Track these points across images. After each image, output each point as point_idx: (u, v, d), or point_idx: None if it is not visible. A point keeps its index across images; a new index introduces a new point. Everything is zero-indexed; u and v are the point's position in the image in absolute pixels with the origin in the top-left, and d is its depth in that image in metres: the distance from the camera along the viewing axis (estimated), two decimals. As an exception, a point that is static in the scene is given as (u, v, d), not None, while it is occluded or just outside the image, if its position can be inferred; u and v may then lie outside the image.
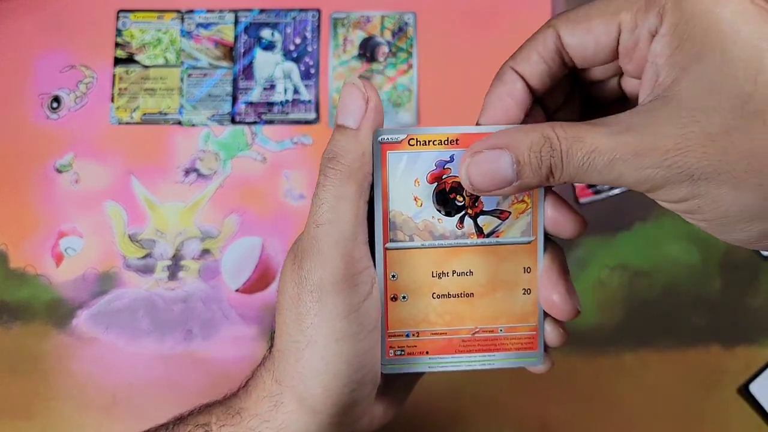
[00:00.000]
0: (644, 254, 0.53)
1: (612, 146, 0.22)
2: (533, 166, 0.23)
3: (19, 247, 0.54)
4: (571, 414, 0.51)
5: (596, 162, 0.22)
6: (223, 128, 0.56)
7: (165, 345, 0.52)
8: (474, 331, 0.28)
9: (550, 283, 0.27)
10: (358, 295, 0.25)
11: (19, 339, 0.53)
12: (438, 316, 0.28)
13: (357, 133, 0.26)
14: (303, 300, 0.25)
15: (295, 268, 0.26)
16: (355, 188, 0.25)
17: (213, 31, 0.58)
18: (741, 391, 0.51)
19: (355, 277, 0.25)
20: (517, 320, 0.28)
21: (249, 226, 0.54)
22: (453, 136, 0.26)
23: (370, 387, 0.27)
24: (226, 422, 0.28)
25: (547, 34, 0.25)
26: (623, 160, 0.21)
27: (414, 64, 0.57)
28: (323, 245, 0.25)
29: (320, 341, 0.25)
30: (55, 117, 0.56)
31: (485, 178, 0.24)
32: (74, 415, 0.51)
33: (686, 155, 0.21)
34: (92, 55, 0.57)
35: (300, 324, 0.25)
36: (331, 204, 0.25)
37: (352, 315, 0.25)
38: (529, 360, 0.28)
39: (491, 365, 0.28)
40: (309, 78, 0.57)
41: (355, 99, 0.26)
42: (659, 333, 0.52)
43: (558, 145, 0.23)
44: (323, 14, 0.57)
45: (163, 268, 0.54)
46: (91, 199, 0.55)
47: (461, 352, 0.28)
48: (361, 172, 0.25)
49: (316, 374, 0.25)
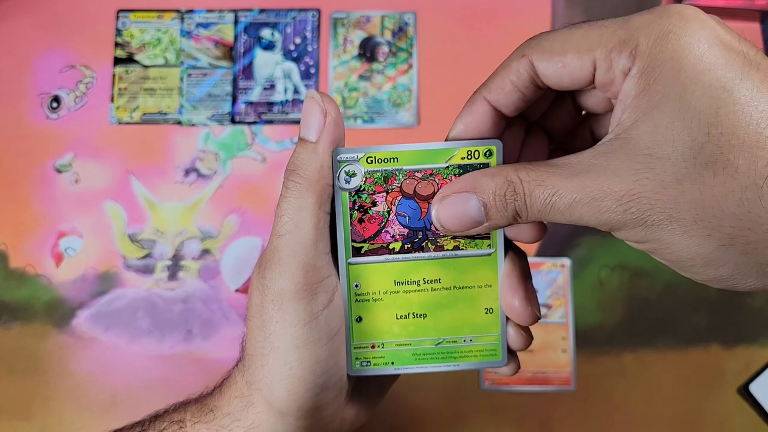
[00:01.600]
0: (644, 254, 0.53)
1: (571, 188, 0.22)
2: (499, 209, 0.24)
3: (19, 247, 0.54)
4: (571, 414, 0.51)
5: (557, 204, 0.23)
6: (222, 128, 0.56)
7: (165, 345, 0.52)
8: (438, 342, 0.28)
9: (511, 289, 0.28)
10: (318, 303, 0.26)
11: (19, 339, 0.53)
12: (402, 328, 0.28)
13: (316, 146, 0.26)
14: (266, 308, 0.26)
15: (259, 278, 0.26)
16: (314, 200, 0.26)
17: (213, 30, 0.57)
18: (741, 391, 0.51)
19: (315, 285, 0.26)
20: (480, 330, 0.28)
21: (249, 226, 0.54)
22: (411, 154, 0.27)
23: (335, 391, 0.28)
24: (199, 419, 0.29)
25: (521, 64, 0.25)
26: (582, 203, 0.22)
27: (414, 64, 0.57)
28: (284, 255, 0.26)
29: (282, 347, 0.26)
30: (55, 117, 0.56)
31: (455, 220, 0.25)
32: (74, 415, 0.51)
33: (639, 201, 0.21)
34: (92, 55, 0.57)
35: (264, 330, 0.26)
36: (292, 215, 0.26)
37: (312, 322, 0.26)
38: (493, 364, 0.29)
39: (456, 369, 0.29)
40: (309, 78, 0.57)
41: (314, 113, 0.26)
42: (659, 333, 0.52)
43: (521, 189, 0.23)
44: (323, 14, 0.57)
45: (163, 268, 0.54)
46: (91, 199, 0.55)
47: (426, 363, 0.29)
48: (320, 184, 0.26)
49: (281, 378, 0.26)
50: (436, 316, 0.28)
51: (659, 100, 0.21)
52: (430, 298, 0.28)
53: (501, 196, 0.24)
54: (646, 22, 0.22)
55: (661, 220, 0.21)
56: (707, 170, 0.20)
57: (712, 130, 0.20)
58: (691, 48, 0.21)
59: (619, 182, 0.21)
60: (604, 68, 0.23)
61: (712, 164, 0.20)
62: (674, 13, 0.22)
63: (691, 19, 0.21)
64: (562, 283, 0.53)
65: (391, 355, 0.28)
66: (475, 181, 0.25)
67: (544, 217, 0.24)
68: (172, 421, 0.30)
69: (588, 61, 0.23)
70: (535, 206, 0.23)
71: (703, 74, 0.21)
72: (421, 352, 0.28)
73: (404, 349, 0.28)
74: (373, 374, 0.29)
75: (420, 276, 0.28)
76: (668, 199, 0.21)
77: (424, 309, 0.28)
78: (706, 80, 0.21)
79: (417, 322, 0.28)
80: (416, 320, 0.28)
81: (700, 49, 0.21)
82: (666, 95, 0.21)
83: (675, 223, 0.21)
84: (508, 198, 0.24)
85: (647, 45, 0.22)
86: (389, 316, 0.28)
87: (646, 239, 0.22)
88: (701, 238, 0.21)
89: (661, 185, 0.21)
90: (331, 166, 0.26)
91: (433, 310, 0.28)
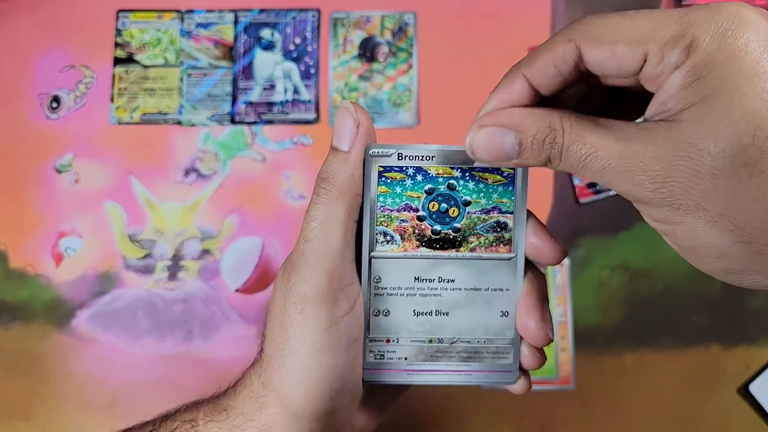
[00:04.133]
0: (644, 254, 0.53)
1: (609, 153, 0.23)
2: (534, 152, 0.24)
3: (19, 247, 0.54)
4: (571, 414, 0.51)
5: (592, 164, 0.23)
6: (222, 128, 0.56)
7: (165, 345, 0.52)
8: (452, 341, 0.29)
9: (528, 310, 0.28)
10: (340, 310, 0.26)
11: (19, 339, 0.53)
12: (418, 325, 0.29)
13: (348, 155, 0.27)
14: (288, 310, 0.26)
15: (284, 280, 0.27)
16: (344, 208, 0.26)
17: (213, 30, 0.57)
18: (741, 391, 0.51)
19: (338, 292, 0.26)
20: (494, 333, 0.29)
21: (249, 226, 0.54)
22: (441, 154, 0.27)
23: (349, 397, 0.28)
24: (212, 418, 0.29)
25: (568, 49, 0.24)
26: (616, 170, 0.23)
27: (414, 64, 0.56)
28: (310, 260, 0.26)
29: (302, 350, 0.26)
30: (55, 117, 0.56)
31: (487, 150, 0.25)
32: (74, 415, 0.51)
33: (672, 186, 0.22)
34: (92, 55, 0.57)
35: (284, 333, 0.26)
36: (321, 221, 0.26)
37: (332, 328, 0.26)
38: (505, 379, 0.29)
39: (468, 382, 0.29)
40: (309, 78, 0.57)
41: (347, 123, 0.27)
42: (659, 333, 0.52)
43: (561, 139, 0.24)
44: (323, 14, 0.57)
45: (163, 268, 0.54)
46: (91, 199, 0.55)
47: (439, 361, 0.29)
48: (350, 192, 0.27)
49: (298, 381, 0.26)
50: (452, 315, 0.29)
51: (709, 96, 0.21)
52: (448, 297, 0.28)
53: (540, 141, 0.24)
54: (704, 18, 0.22)
55: (689, 207, 0.22)
56: (744, 171, 0.21)
57: (758, 133, 0.21)
58: (747, 49, 0.21)
59: (657, 163, 0.22)
60: (655, 62, 0.23)
61: (751, 166, 0.21)
62: (733, 11, 0.22)
63: (750, 21, 0.22)
64: (561, 282, 0.53)
65: (405, 350, 0.29)
66: (519, 119, 0.25)
67: (573, 170, 0.24)
68: (183, 420, 0.30)
69: (639, 54, 0.23)
70: (569, 160, 0.23)
71: (758, 77, 0.21)
72: (435, 350, 0.29)
73: (419, 345, 0.29)
74: (387, 382, 0.29)
75: (440, 274, 0.28)
76: (700, 190, 0.21)
77: (441, 307, 0.28)
78: (759, 83, 0.21)
79: (433, 319, 0.29)
80: (433, 318, 0.28)
81: (757, 51, 0.21)
82: (717, 92, 0.21)
83: (701, 212, 0.22)
84: (546, 145, 0.24)
85: (704, 42, 0.22)
86: (407, 311, 0.28)
87: (669, 221, 0.23)
88: (723, 231, 0.22)
89: (697, 176, 0.21)
90: (362, 171, 0.27)
91: (449, 309, 0.28)
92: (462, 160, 0.27)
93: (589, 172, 0.23)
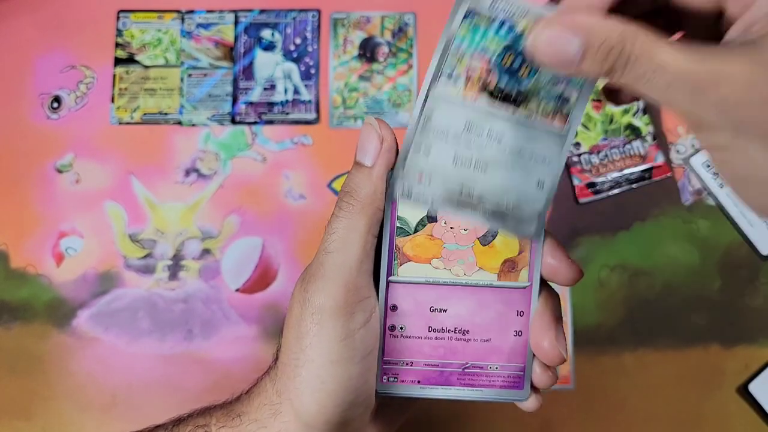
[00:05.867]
0: (644, 254, 0.53)
1: (677, 71, 0.21)
2: (597, 60, 0.23)
3: (20, 247, 0.54)
4: (571, 414, 0.51)
5: (657, 79, 0.22)
6: (223, 128, 0.56)
7: (165, 345, 0.52)
8: (465, 366, 0.29)
9: (542, 329, 0.28)
10: (356, 322, 0.27)
11: (19, 339, 0.53)
12: (432, 349, 0.29)
13: (371, 171, 0.27)
14: (304, 320, 0.26)
15: (302, 291, 0.27)
16: (365, 222, 0.27)
17: (213, 31, 0.58)
18: (740, 391, 0.51)
19: (355, 305, 0.27)
20: (507, 359, 0.29)
21: (249, 226, 0.54)
22: None
23: (362, 408, 0.28)
24: (225, 424, 0.29)
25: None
26: (682, 89, 0.21)
27: (414, 64, 0.57)
28: (328, 271, 0.26)
29: (317, 361, 0.26)
30: (56, 117, 0.56)
31: (549, 51, 0.24)
32: (74, 415, 0.51)
33: (743, 109, 0.21)
34: (92, 55, 0.57)
35: (300, 342, 0.27)
36: (341, 234, 0.27)
37: (348, 340, 0.26)
38: (516, 396, 0.30)
39: (480, 398, 0.30)
40: (309, 78, 0.57)
41: (371, 139, 0.27)
42: (659, 333, 0.52)
43: (629, 51, 0.22)
44: (323, 14, 0.58)
45: (164, 268, 0.54)
46: (92, 199, 0.55)
47: (451, 385, 0.29)
48: (372, 207, 0.27)
49: (312, 391, 0.26)
50: (466, 340, 0.29)
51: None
52: (463, 322, 0.29)
53: (606, 50, 0.23)
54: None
55: (755, 133, 0.21)
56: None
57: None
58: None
59: (728, 84, 0.21)
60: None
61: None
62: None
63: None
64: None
65: (419, 373, 0.29)
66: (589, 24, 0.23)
67: (635, 86, 0.23)
68: (196, 425, 0.30)
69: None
70: (633, 72, 0.22)
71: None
72: (448, 374, 0.29)
73: (432, 369, 0.29)
74: (401, 395, 0.29)
75: (456, 300, 0.29)
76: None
77: (455, 332, 0.29)
78: None
79: (448, 344, 0.29)
80: (447, 343, 0.29)
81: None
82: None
83: (766, 140, 0.21)
84: (612, 54, 0.23)
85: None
86: (421, 336, 0.29)
87: (729, 147, 0.22)
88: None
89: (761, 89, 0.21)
90: (385, 189, 0.27)
91: (464, 334, 0.29)
92: None
93: (653, 89, 0.22)
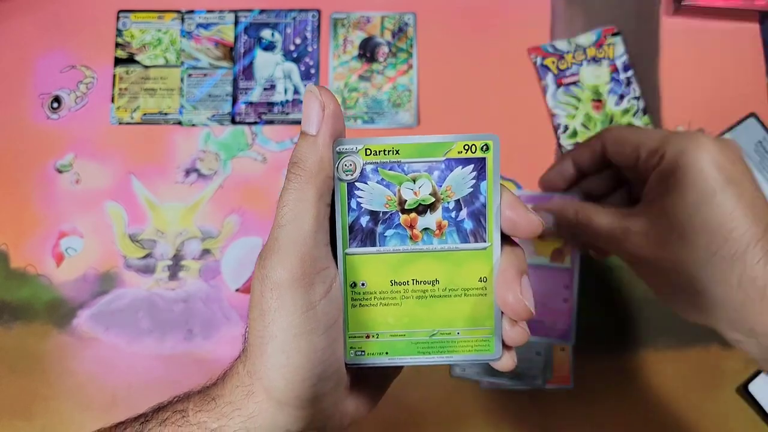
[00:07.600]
0: (644, 254, 0.53)
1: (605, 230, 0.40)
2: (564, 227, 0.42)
3: (20, 247, 0.54)
4: (570, 414, 0.51)
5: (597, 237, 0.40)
6: (223, 128, 0.56)
7: (165, 345, 0.52)
8: (432, 334, 0.29)
9: (506, 284, 0.28)
10: (316, 293, 0.26)
11: (20, 339, 0.53)
12: (396, 319, 0.29)
13: (315, 139, 0.27)
14: (265, 297, 0.26)
15: (260, 268, 0.27)
16: (314, 191, 0.26)
17: (213, 31, 0.58)
18: (740, 391, 0.51)
19: (313, 276, 0.26)
20: (474, 323, 0.29)
21: (249, 226, 0.54)
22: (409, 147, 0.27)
23: (333, 383, 0.28)
24: (201, 408, 0.29)
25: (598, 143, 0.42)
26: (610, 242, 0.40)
27: (414, 64, 0.57)
28: (282, 245, 0.26)
29: (280, 336, 0.26)
30: (56, 117, 0.56)
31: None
32: (74, 414, 0.51)
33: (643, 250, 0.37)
34: (92, 55, 0.57)
35: (263, 320, 0.26)
36: (292, 206, 0.26)
37: (310, 312, 0.26)
38: (488, 357, 0.29)
39: (452, 361, 0.29)
40: (309, 78, 0.57)
41: (313, 107, 0.27)
42: (659, 333, 0.52)
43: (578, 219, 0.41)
44: (323, 14, 0.58)
45: (164, 268, 0.54)
46: (92, 199, 0.55)
47: (420, 354, 0.29)
48: (320, 176, 0.27)
49: (279, 367, 0.26)
50: (430, 308, 0.29)
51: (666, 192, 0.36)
52: (425, 290, 0.28)
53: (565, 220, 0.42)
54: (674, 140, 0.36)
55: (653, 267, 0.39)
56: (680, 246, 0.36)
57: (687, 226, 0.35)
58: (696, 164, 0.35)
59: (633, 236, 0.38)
60: (644, 160, 0.38)
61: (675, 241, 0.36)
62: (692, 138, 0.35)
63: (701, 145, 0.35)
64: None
65: (386, 345, 0.29)
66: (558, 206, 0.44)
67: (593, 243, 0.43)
68: (174, 411, 0.30)
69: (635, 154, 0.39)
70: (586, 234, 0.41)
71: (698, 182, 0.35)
72: (415, 343, 0.29)
73: (398, 340, 0.29)
74: (369, 364, 0.29)
75: (416, 267, 0.28)
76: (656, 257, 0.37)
77: (418, 301, 0.28)
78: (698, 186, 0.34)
79: (412, 313, 0.29)
80: (411, 311, 0.29)
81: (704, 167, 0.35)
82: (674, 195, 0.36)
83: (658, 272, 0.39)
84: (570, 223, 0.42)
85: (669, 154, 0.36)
86: (384, 306, 0.28)
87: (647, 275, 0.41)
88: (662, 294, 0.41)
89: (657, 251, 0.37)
90: (332, 158, 0.27)
91: (427, 302, 0.28)
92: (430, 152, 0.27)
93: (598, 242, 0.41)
